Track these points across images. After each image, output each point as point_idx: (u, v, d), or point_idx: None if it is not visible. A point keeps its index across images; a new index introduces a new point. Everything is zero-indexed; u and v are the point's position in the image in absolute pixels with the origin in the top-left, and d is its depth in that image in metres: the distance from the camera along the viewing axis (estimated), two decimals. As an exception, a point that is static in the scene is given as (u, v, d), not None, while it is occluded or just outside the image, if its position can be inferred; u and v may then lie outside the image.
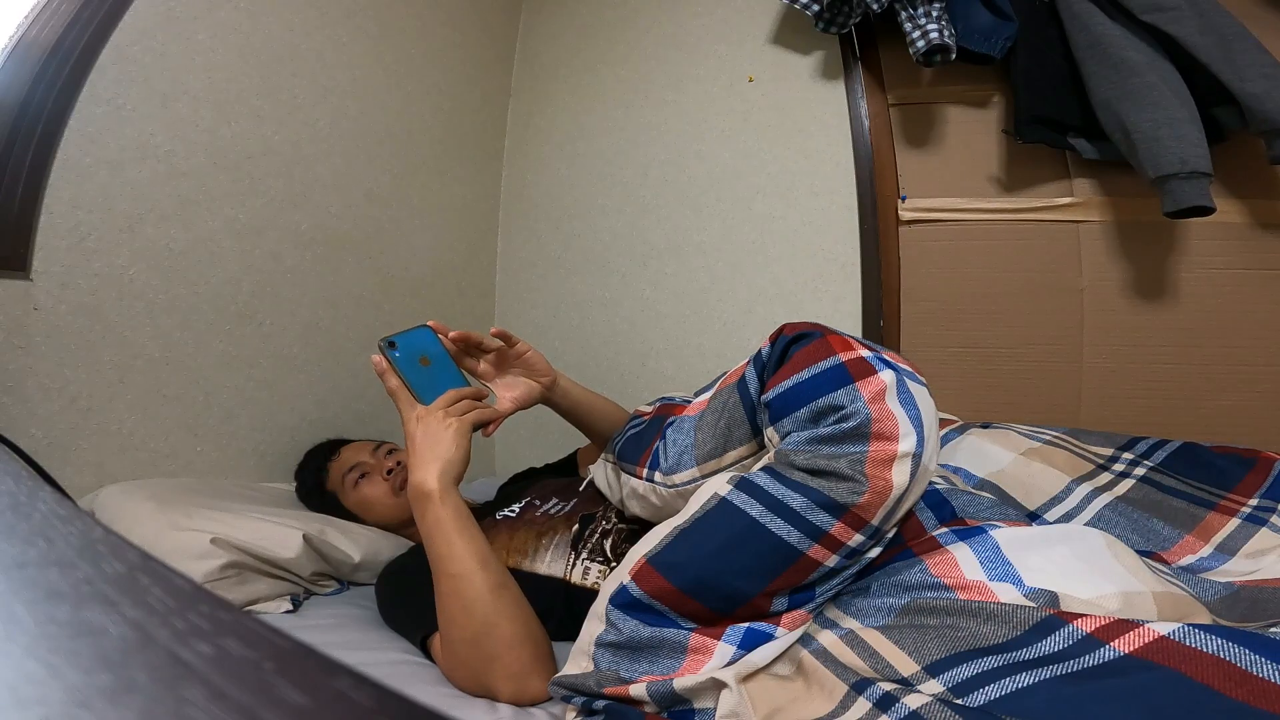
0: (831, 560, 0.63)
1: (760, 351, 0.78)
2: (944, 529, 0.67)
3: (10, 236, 0.86)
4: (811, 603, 0.65)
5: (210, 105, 1.10)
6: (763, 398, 0.73)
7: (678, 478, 0.80)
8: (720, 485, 0.68)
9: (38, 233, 0.89)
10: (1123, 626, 0.49)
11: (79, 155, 0.93)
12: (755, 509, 0.63)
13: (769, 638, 0.62)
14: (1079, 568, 0.59)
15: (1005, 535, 0.63)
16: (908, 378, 0.68)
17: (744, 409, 0.77)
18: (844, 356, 0.69)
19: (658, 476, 0.83)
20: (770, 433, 0.71)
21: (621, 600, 0.64)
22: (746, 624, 0.62)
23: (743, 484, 0.66)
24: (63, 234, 0.91)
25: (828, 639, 0.62)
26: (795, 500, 0.63)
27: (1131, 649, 0.47)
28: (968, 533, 0.65)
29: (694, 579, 0.63)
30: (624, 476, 0.90)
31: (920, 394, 0.68)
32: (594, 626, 0.65)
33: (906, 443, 0.63)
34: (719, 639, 0.61)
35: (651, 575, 0.64)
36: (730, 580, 0.62)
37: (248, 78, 1.16)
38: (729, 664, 0.60)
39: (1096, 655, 0.48)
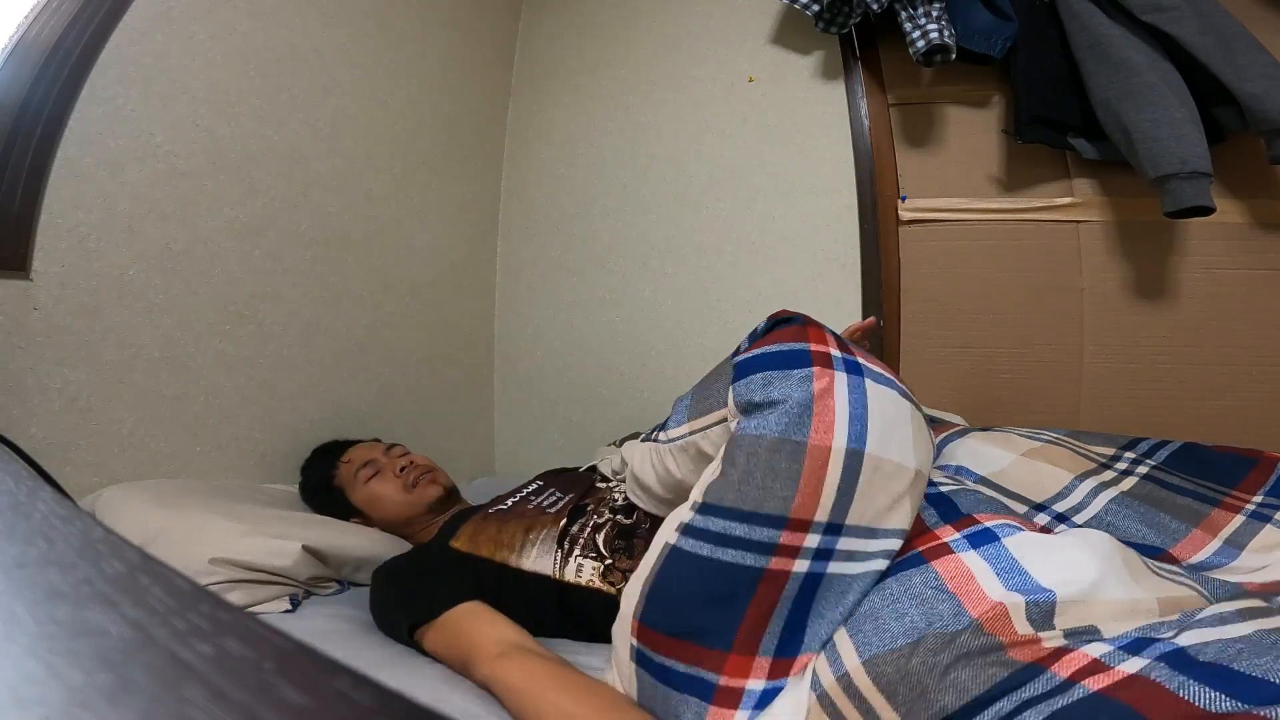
0: (800, 565, 0.64)
1: (757, 328, 0.82)
2: (955, 533, 0.67)
3: (10, 236, 0.86)
4: (807, 632, 0.65)
5: (210, 105, 1.10)
6: (733, 360, 0.77)
7: (673, 433, 0.84)
8: (669, 534, 0.70)
9: (38, 233, 0.89)
10: (1097, 666, 0.52)
11: (79, 155, 0.93)
12: (704, 548, 0.65)
13: (779, 690, 0.63)
14: (1092, 573, 0.59)
15: (1017, 540, 0.63)
16: (871, 378, 0.70)
17: (730, 374, 0.80)
18: (813, 346, 0.72)
19: (659, 436, 0.86)
20: (730, 395, 0.74)
21: (644, 662, 0.65)
22: (762, 685, 0.63)
23: (688, 530, 0.68)
24: (63, 234, 0.91)
25: (828, 679, 0.62)
26: (737, 528, 0.64)
27: (1101, 687, 0.51)
28: (979, 538, 0.65)
29: (683, 626, 0.64)
30: (639, 451, 0.92)
31: (877, 393, 0.69)
32: (629, 684, 0.67)
33: (840, 437, 0.65)
34: (736, 708, 0.62)
35: (654, 636, 0.65)
36: (713, 614, 0.64)
37: (248, 78, 1.16)
38: None
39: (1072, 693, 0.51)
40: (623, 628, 0.68)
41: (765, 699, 0.62)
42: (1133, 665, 0.51)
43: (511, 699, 0.68)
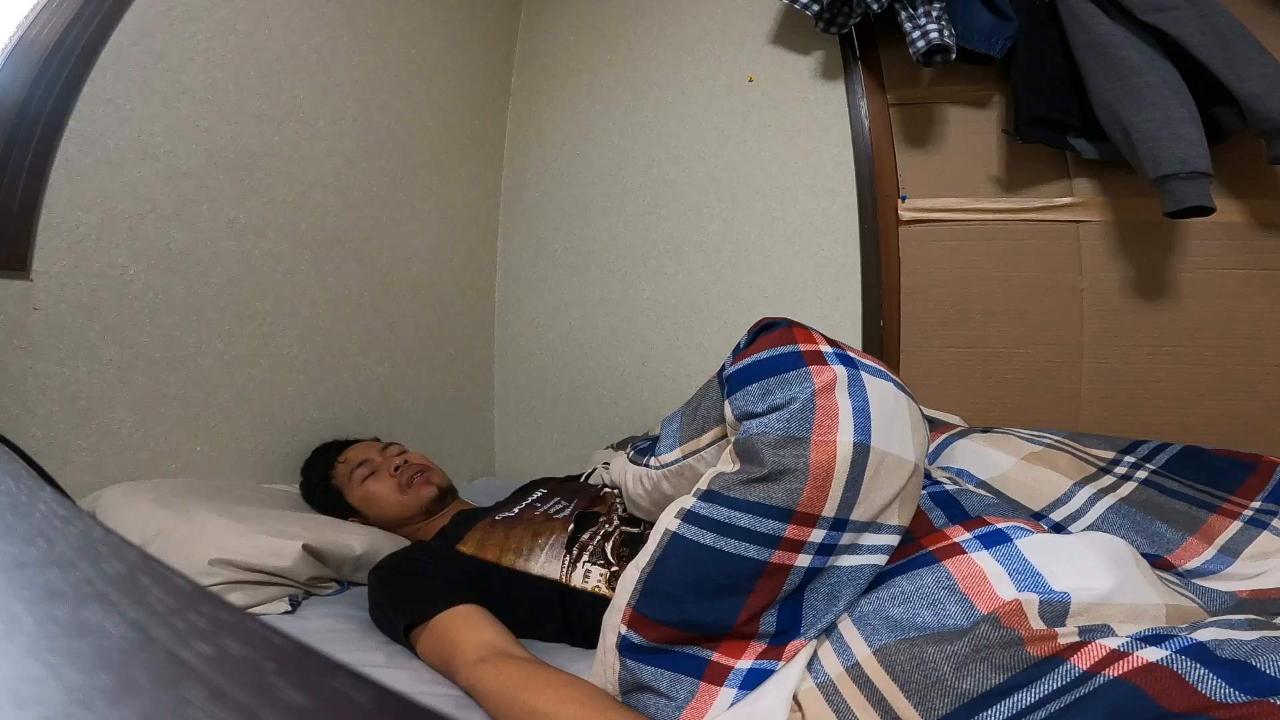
0: (803, 560, 0.64)
1: (740, 341, 0.82)
2: (966, 534, 0.67)
3: (10, 236, 0.86)
4: (802, 622, 0.65)
5: (210, 105, 1.10)
6: (723, 374, 0.76)
7: (665, 458, 0.84)
8: (669, 521, 0.69)
9: (38, 233, 0.89)
10: (1115, 656, 0.52)
11: (79, 155, 0.93)
12: (707, 537, 0.65)
13: (769, 673, 0.63)
14: (1109, 580, 0.59)
15: (1030, 543, 0.63)
16: (867, 372, 0.70)
17: (720, 390, 0.79)
18: (802, 346, 0.72)
19: (651, 461, 0.86)
20: (727, 409, 0.74)
21: (630, 650, 0.65)
22: (750, 663, 0.63)
23: (690, 516, 0.68)
24: (63, 234, 0.91)
25: (834, 669, 0.61)
26: (742, 518, 0.64)
27: (1121, 672, 0.51)
28: (992, 539, 0.65)
29: (679, 617, 0.64)
30: (630, 473, 0.91)
31: (875, 386, 0.69)
32: (610, 673, 0.67)
33: (845, 432, 0.64)
34: (722, 685, 0.62)
35: (647, 624, 0.65)
36: (711, 607, 0.64)
37: (248, 78, 1.16)
38: (731, 705, 0.61)
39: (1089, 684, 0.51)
40: (614, 615, 0.68)
41: (752, 679, 0.62)
42: (1152, 654, 0.51)
43: (488, 704, 0.68)
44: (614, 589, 0.83)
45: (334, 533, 1.00)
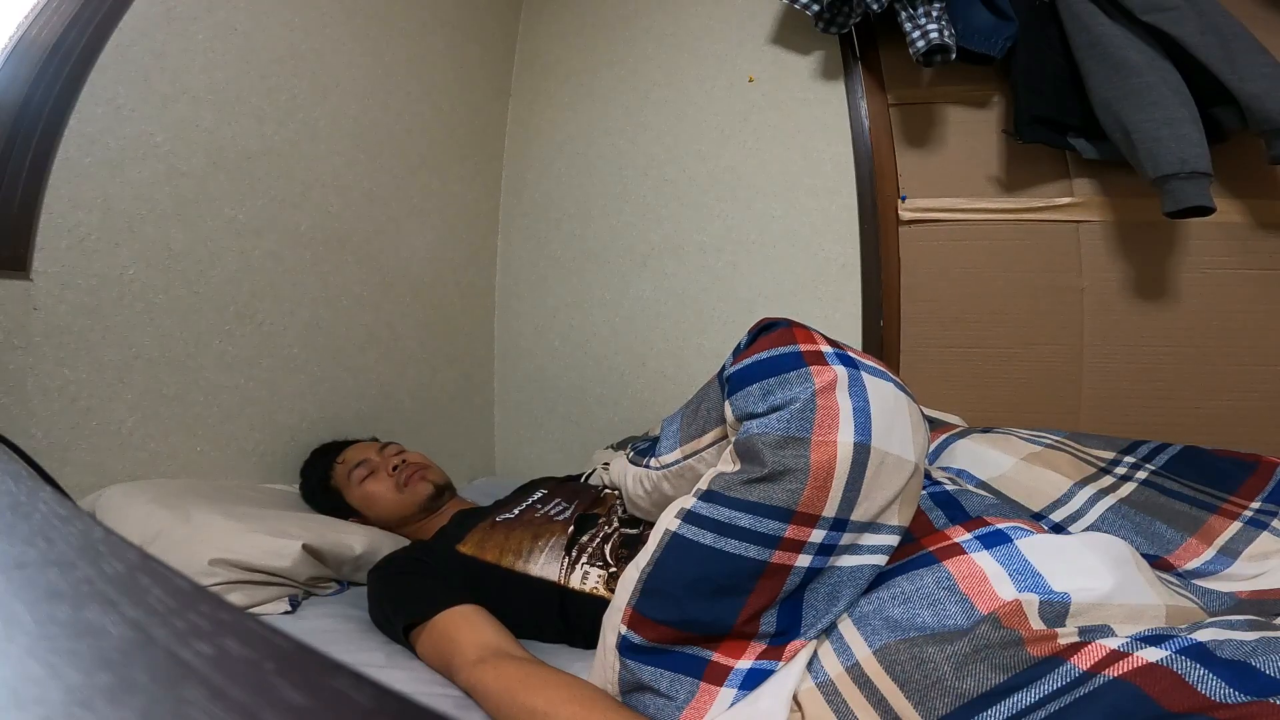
0: (803, 560, 0.64)
1: (740, 342, 0.81)
2: (966, 534, 0.67)
3: (10, 236, 0.86)
4: (802, 622, 0.65)
5: (210, 105, 1.10)
6: (723, 374, 0.76)
7: (665, 459, 0.84)
8: (670, 521, 0.69)
9: (38, 233, 0.89)
10: (1115, 656, 0.53)
11: (79, 155, 0.93)
12: (707, 537, 0.65)
13: (769, 673, 0.63)
14: (1109, 580, 0.59)
15: (1030, 543, 0.63)
16: (867, 372, 0.70)
17: (721, 391, 0.79)
18: (803, 346, 0.72)
19: (651, 462, 0.86)
20: (727, 409, 0.74)
21: (630, 650, 0.65)
22: (750, 664, 0.63)
23: (690, 516, 0.68)
24: (63, 234, 0.91)
25: (834, 669, 0.61)
26: (742, 518, 0.64)
27: (1121, 673, 0.51)
28: (992, 540, 0.65)
29: (679, 617, 0.64)
30: (630, 474, 0.91)
31: (876, 386, 0.69)
32: (610, 673, 0.67)
33: (845, 432, 0.64)
34: (722, 685, 0.62)
35: (647, 624, 0.65)
36: (711, 607, 0.64)
37: (248, 78, 1.16)
38: (731, 705, 0.61)
39: (1089, 684, 0.52)
40: (614, 615, 0.68)
41: (752, 679, 0.63)
42: (1152, 654, 0.51)
43: (488, 705, 0.68)
44: (613, 590, 0.83)
45: (334, 533, 1.00)
